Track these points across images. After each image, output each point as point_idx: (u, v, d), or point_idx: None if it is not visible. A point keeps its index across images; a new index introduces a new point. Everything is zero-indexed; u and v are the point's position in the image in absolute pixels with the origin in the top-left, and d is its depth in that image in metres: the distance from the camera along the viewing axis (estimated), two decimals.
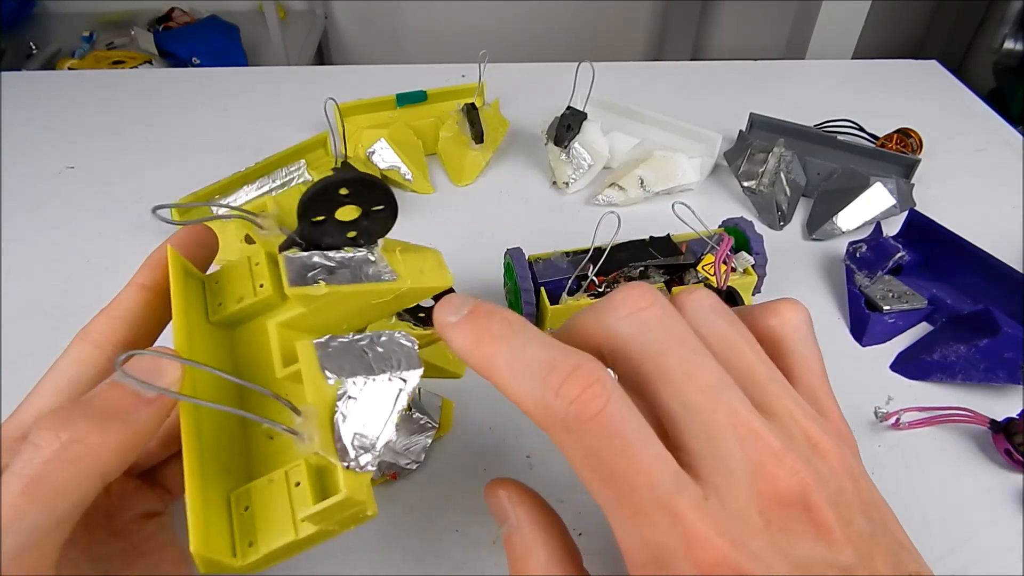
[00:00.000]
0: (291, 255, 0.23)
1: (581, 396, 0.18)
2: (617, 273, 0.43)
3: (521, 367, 0.19)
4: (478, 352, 0.20)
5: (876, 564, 0.18)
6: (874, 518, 0.19)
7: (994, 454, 0.38)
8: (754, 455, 0.18)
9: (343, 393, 0.21)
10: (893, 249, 0.47)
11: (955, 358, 0.41)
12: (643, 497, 0.17)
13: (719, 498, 0.17)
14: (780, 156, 0.56)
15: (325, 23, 1.80)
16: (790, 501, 0.18)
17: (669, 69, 0.79)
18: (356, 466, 0.21)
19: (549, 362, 0.18)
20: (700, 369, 0.19)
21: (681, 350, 0.20)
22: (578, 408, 0.18)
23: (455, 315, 0.20)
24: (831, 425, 0.21)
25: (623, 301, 0.21)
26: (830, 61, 0.83)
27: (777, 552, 0.17)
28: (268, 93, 0.71)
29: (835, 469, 0.19)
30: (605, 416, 0.18)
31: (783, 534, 0.18)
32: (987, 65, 1.67)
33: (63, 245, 0.51)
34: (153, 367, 0.21)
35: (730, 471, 0.18)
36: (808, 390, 0.22)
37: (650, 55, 1.96)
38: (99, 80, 0.74)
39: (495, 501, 0.22)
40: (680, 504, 0.17)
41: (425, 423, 0.37)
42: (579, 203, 0.57)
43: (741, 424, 0.18)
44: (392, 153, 0.56)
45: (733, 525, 0.17)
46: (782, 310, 0.23)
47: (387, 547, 0.34)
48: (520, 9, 1.85)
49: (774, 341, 0.22)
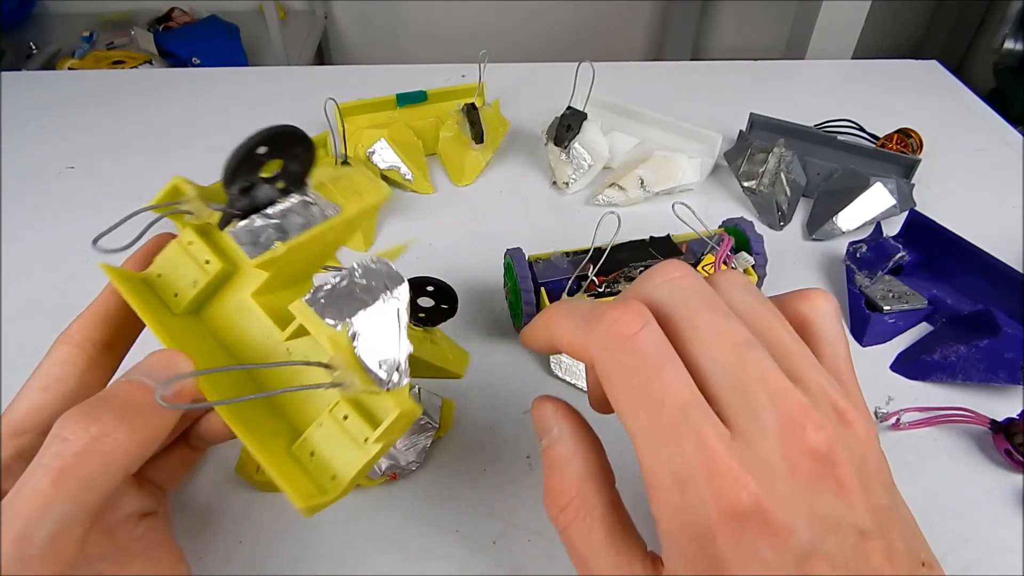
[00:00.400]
0: (235, 229, 0.24)
1: (621, 319, 0.19)
2: (617, 273, 0.42)
3: (576, 316, 0.21)
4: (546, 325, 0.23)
5: (893, 537, 0.18)
6: (894, 498, 0.20)
7: (994, 454, 0.38)
8: (783, 407, 0.18)
9: (353, 333, 0.23)
10: (893, 249, 0.47)
11: (955, 358, 0.41)
12: (672, 417, 0.18)
13: (747, 442, 0.18)
14: (780, 156, 0.56)
15: (325, 23, 1.80)
16: (816, 455, 0.18)
17: (669, 69, 0.79)
18: (395, 385, 0.23)
19: (596, 305, 0.21)
20: (730, 329, 0.20)
21: (712, 312, 0.20)
22: (618, 329, 0.19)
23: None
24: (857, 405, 0.21)
25: (659, 271, 0.22)
26: (830, 61, 0.83)
27: (800, 500, 0.18)
28: (268, 93, 0.71)
29: (860, 439, 0.19)
30: (642, 337, 0.19)
31: (808, 484, 0.18)
32: (987, 65, 1.67)
33: (63, 245, 0.51)
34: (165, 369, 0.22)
35: (760, 420, 0.18)
36: (834, 372, 0.22)
37: (650, 55, 1.96)
38: (99, 80, 0.74)
39: (541, 414, 0.23)
40: (707, 432, 0.18)
41: (425, 423, 0.37)
42: (579, 203, 0.57)
43: (770, 380, 0.19)
44: (392, 153, 0.56)
45: (759, 466, 0.18)
46: (812, 296, 0.24)
47: (387, 547, 0.34)
48: (520, 9, 1.85)
49: (803, 325, 0.23)
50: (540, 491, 0.22)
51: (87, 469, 0.20)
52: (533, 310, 0.41)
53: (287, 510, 0.35)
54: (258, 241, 0.23)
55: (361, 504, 0.35)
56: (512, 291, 0.44)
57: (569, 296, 0.41)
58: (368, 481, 0.35)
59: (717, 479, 0.17)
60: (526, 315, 0.41)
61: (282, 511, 0.35)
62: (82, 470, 0.20)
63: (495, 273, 0.48)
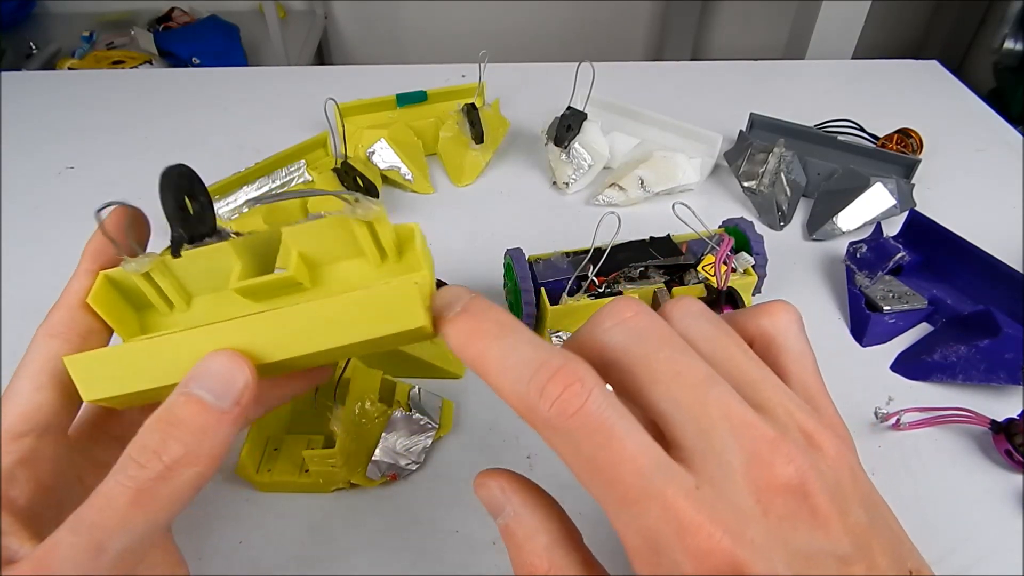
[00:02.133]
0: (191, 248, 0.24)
1: (563, 395, 0.18)
2: (617, 273, 0.42)
3: (510, 367, 0.19)
4: (471, 349, 0.20)
5: (875, 555, 0.18)
6: (873, 512, 0.19)
7: (994, 455, 0.38)
8: (749, 444, 0.18)
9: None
10: (893, 249, 0.47)
11: (955, 358, 0.41)
12: (631, 485, 0.18)
13: (713, 487, 0.18)
14: (780, 156, 0.56)
15: (325, 23, 1.80)
16: (787, 489, 0.18)
17: (669, 69, 0.79)
18: None
19: (536, 362, 0.19)
20: (688, 367, 0.19)
21: (667, 350, 0.20)
22: (560, 407, 0.18)
23: (451, 309, 0.21)
24: (827, 421, 0.21)
25: (608, 314, 0.21)
26: (830, 61, 0.83)
27: (775, 540, 0.17)
28: (268, 93, 0.71)
29: (832, 462, 0.19)
30: (585, 411, 0.18)
31: (781, 522, 0.18)
32: (987, 65, 1.67)
33: (63, 245, 0.51)
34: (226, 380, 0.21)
35: (724, 461, 0.18)
36: (802, 387, 0.22)
37: (650, 55, 1.96)
38: (99, 80, 0.74)
39: (487, 493, 0.22)
40: (669, 491, 0.17)
41: (425, 423, 0.37)
42: (579, 203, 0.57)
43: (734, 416, 0.19)
44: (392, 153, 0.56)
45: (728, 513, 0.17)
46: (773, 310, 0.23)
47: (387, 548, 0.34)
48: (520, 9, 1.85)
49: (767, 340, 0.23)
50: None
51: (164, 492, 0.20)
52: (533, 310, 0.41)
53: (287, 510, 0.35)
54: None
55: (361, 504, 0.35)
56: (512, 291, 0.44)
57: (569, 296, 0.41)
58: (368, 482, 0.35)
59: (689, 538, 0.17)
60: (526, 315, 0.41)
61: (282, 511, 0.35)
62: (159, 492, 0.20)
63: (495, 273, 0.48)
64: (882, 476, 0.37)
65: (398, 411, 0.36)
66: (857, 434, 0.39)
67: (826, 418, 0.21)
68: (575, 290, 0.41)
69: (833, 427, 0.21)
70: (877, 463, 0.38)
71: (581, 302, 0.41)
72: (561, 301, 0.41)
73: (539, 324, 0.42)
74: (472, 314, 0.20)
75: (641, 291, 0.42)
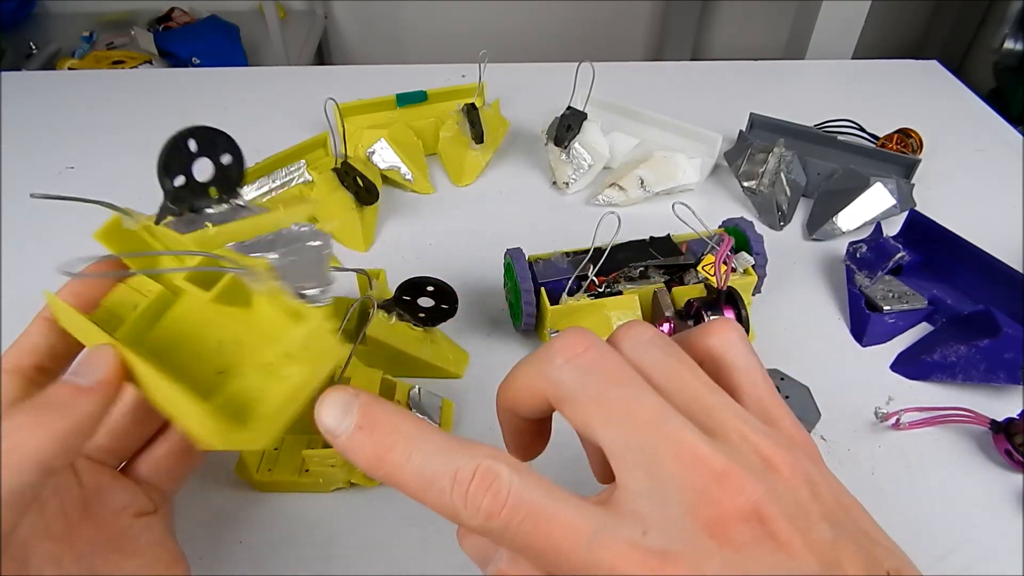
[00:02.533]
0: (172, 220, 0.24)
1: (485, 500, 0.18)
2: (617, 273, 0.42)
3: (428, 485, 0.20)
4: (382, 470, 0.20)
5: (844, 567, 0.18)
6: (839, 522, 0.19)
7: (994, 454, 0.38)
8: (697, 481, 0.18)
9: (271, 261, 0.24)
10: (893, 249, 0.47)
11: (955, 358, 0.41)
12: (575, 560, 0.18)
13: (661, 530, 0.18)
14: (780, 156, 0.56)
15: (325, 23, 1.80)
16: (743, 518, 0.18)
17: (669, 69, 0.79)
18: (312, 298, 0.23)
19: (450, 473, 0.19)
20: (639, 405, 0.20)
21: (618, 389, 0.20)
22: (486, 512, 0.18)
23: (342, 424, 0.20)
24: (783, 435, 0.21)
25: (559, 350, 0.21)
26: (830, 61, 0.83)
27: (735, 570, 0.17)
28: (268, 93, 0.71)
29: (789, 481, 0.19)
30: (510, 507, 0.18)
31: (740, 552, 0.18)
32: (987, 65, 1.67)
33: (63, 245, 0.51)
34: (88, 360, 0.22)
35: (673, 502, 0.18)
36: (755, 401, 0.22)
37: (650, 55, 1.96)
38: (99, 80, 0.74)
39: (472, 544, 0.22)
40: (612, 552, 0.18)
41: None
42: (579, 203, 0.57)
43: (685, 451, 0.19)
44: (392, 153, 0.56)
45: (682, 553, 0.17)
46: (716, 329, 0.24)
47: (387, 548, 0.34)
48: (520, 9, 1.85)
49: (715, 359, 0.23)
50: None
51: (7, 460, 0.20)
52: (533, 310, 0.41)
53: (287, 510, 0.35)
54: (192, 227, 0.24)
55: (361, 504, 0.35)
56: (512, 291, 0.44)
57: (569, 296, 0.41)
58: (368, 481, 0.35)
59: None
60: (526, 315, 0.41)
61: (282, 511, 0.35)
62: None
63: (495, 273, 0.48)
64: (882, 476, 0.37)
65: None
66: (857, 434, 0.39)
67: (782, 431, 0.21)
68: (575, 290, 0.41)
69: (790, 439, 0.21)
70: (877, 463, 0.38)
71: (581, 302, 0.41)
72: (561, 301, 0.41)
73: (539, 324, 0.42)
74: (370, 430, 0.20)
75: (641, 291, 0.42)
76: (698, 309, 0.40)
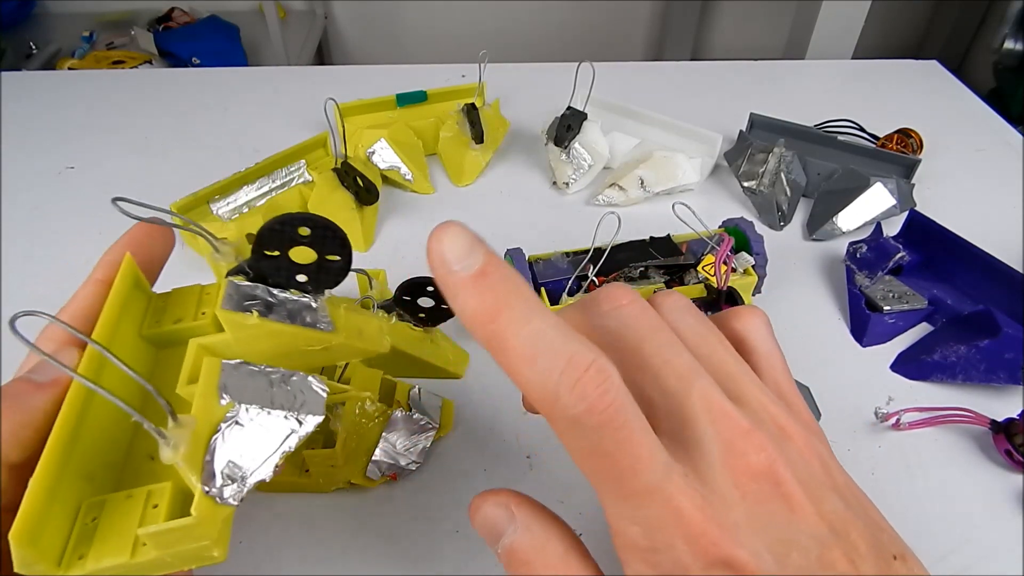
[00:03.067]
0: (236, 281, 0.23)
1: (594, 393, 0.18)
2: (617, 273, 0.42)
3: (538, 356, 0.18)
4: (492, 327, 0.18)
5: (854, 539, 0.19)
6: (849, 500, 0.20)
7: (994, 455, 0.38)
8: (726, 433, 0.19)
9: (232, 417, 0.21)
10: (893, 249, 0.47)
11: (955, 358, 0.41)
12: (641, 482, 0.18)
13: (697, 475, 0.19)
14: (780, 156, 0.56)
15: (325, 23, 1.80)
16: (760, 475, 0.19)
17: (669, 69, 0.79)
18: (217, 495, 0.19)
19: (566, 355, 0.18)
20: (675, 357, 0.21)
21: (658, 339, 0.21)
22: (590, 405, 0.18)
23: (463, 264, 0.18)
24: (798, 416, 0.22)
25: (605, 298, 0.22)
26: (830, 61, 0.83)
27: (756, 523, 0.18)
28: (268, 93, 0.71)
29: (802, 451, 0.20)
30: (613, 412, 0.18)
31: (759, 506, 0.19)
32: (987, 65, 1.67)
33: (63, 245, 0.51)
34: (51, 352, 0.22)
35: (705, 450, 0.19)
36: (773, 384, 0.23)
37: (650, 55, 1.96)
38: (99, 80, 0.74)
39: (489, 512, 0.21)
40: (672, 484, 0.18)
41: (425, 423, 0.37)
42: (579, 203, 0.57)
43: (714, 406, 0.20)
44: (392, 153, 0.56)
45: (712, 498, 0.18)
46: (744, 314, 0.25)
47: (387, 547, 0.34)
48: (520, 9, 1.85)
49: (739, 341, 0.24)
50: (541, 491, 0.22)
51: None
52: None
53: (287, 510, 0.35)
54: (242, 303, 0.22)
55: (361, 504, 0.35)
56: None
57: (569, 296, 0.41)
58: (368, 482, 0.35)
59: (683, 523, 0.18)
60: None
61: (282, 511, 0.35)
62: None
63: None
64: (882, 476, 0.37)
65: (398, 411, 0.36)
66: (857, 434, 0.39)
67: (797, 414, 0.22)
68: (575, 290, 0.41)
69: (804, 423, 0.22)
70: (877, 463, 0.38)
71: None
72: (561, 301, 0.41)
73: None
74: (493, 283, 0.18)
75: (641, 291, 0.42)
76: None
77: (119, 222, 0.23)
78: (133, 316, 0.24)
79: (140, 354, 0.24)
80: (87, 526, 0.20)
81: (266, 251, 0.22)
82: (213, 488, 0.19)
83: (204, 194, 0.49)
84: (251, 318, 0.22)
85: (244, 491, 0.20)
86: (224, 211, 0.50)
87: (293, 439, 0.21)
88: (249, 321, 0.21)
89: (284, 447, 0.21)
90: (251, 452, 0.20)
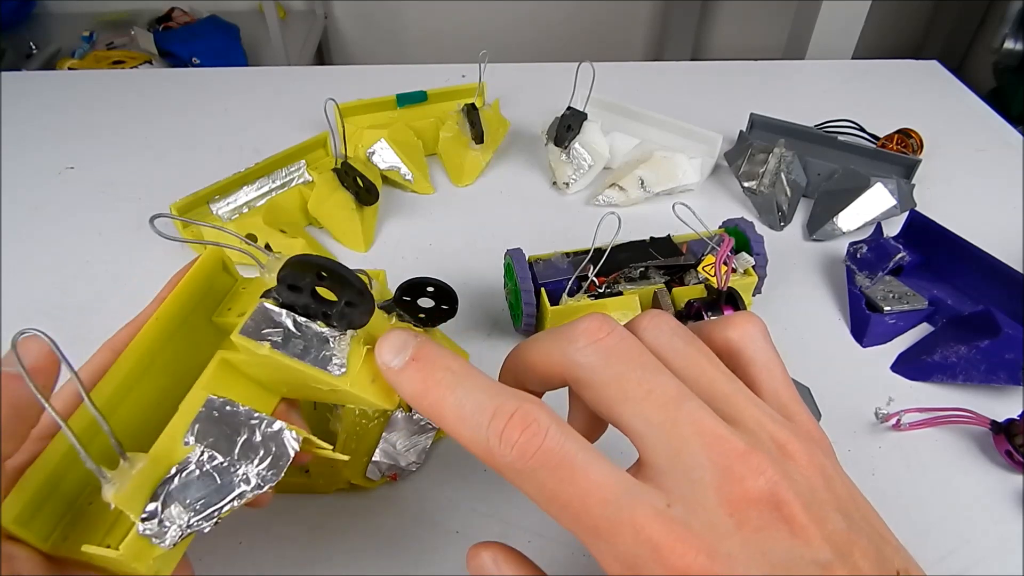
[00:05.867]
0: (267, 305, 0.23)
1: (521, 438, 0.19)
2: (618, 274, 0.42)
3: (467, 416, 0.20)
4: (426, 400, 0.21)
5: (856, 560, 0.18)
6: (851, 515, 0.19)
7: (995, 455, 0.38)
8: (720, 459, 0.19)
9: (189, 461, 0.21)
10: (894, 250, 0.47)
11: (956, 359, 0.41)
12: (600, 515, 0.18)
13: (685, 505, 0.18)
14: (780, 156, 0.55)
15: (325, 23, 1.80)
16: (760, 501, 0.18)
17: (669, 69, 0.79)
18: (154, 535, 0.20)
19: (491, 408, 0.19)
20: (659, 385, 0.20)
21: (639, 371, 0.20)
22: (519, 450, 0.19)
23: (398, 358, 0.21)
24: (800, 428, 0.21)
25: (583, 332, 0.21)
26: (830, 61, 0.83)
27: (752, 552, 0.18)
28: (268, 93, 0.71)
29: (805, 470, 0.19)
30: (545, 451, 0.18)
31: (757, 534, 0.18)
32: (987, 65, 1.67)
33: (63, 245, 0.51)
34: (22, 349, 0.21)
35: (695, 478, 0.18)
36: (773, 395, 0.22)
37: (650, 55, 1.96)
38: (99, 80, 0.74)
39: (478, 563, 0.22)
40: (639, 515, 0.18)
41: (425, 424, 0.37)
42: (579, 203, 0.57)
43: (706, 431, 0.19)
44: (392, 153, 0.56)
45: (702, 529, 0.18)
46: (738, 322, 0.24)
47: (387, 547, 0.34)
48: (520, 9, 1.85)
49: (734, 352, 0.23)
50: None
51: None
52: (533, 310, 0.41)
53: (287, 511, 0.35)
54: (261, 330, 0.22)
55: (361, 505, 0.35)
56: (512, 291, 0.44)
57: (569, 297, 0.41)
58: (368, 482, 0.35)
59: (666, 559, 0.17)
60: (526, 315, 0.41)
61: (282, 511, 0.35)
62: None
63: (495, 273, 0.48)
64: (882, 476, 0.37)
65: (398, 411, 0.36)
66: (857, 434, 0.39)
67: (799, 425, 0.22)
68: (575, 290, 0.41)
69: (807, 433, 0.21)
70: (877, 463, 0.38)
71: (581, 302, 0.41)
72: (561, 301, 0.41)
73: (539, 324, 0.42)
74: (422, 364, 0.21)
75: (641, 291, 0.42)
76: (698, 310, 0.40)
77: (119, 222, 0.23)
78: (215, 297, 0.25)
79: (208, 338, 0.25)
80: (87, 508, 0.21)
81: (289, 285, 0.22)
82: (150, 528, 0.20)
83: (204, 194, 0.49)
84: (263, 348, 0.22)
85: (179, 538, 0.20)
86: (224, 211, 0.50)
87: (239, 500, 0.22)
88: (260, 351, 0.22)
89: (229, 504, 0.21)
90: (197, 502, 0.21)
